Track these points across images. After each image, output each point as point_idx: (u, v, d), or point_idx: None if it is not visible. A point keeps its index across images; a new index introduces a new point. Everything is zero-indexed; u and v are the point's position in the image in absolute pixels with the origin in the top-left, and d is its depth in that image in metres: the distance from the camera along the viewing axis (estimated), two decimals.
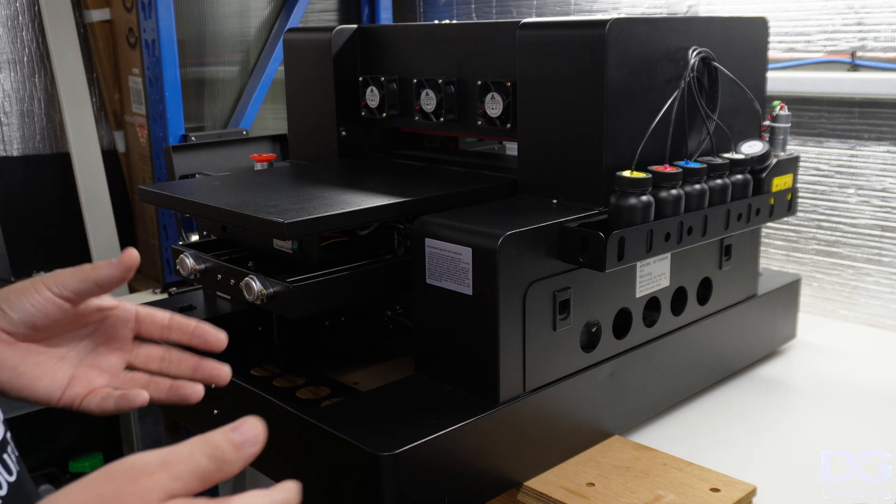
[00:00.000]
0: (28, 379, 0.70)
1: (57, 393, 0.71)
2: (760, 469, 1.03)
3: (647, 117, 1.04)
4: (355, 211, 0.98)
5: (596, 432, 1.07)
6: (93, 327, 0.75)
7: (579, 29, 1.02)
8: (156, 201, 1.23)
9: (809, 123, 1.58)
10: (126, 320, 0.76)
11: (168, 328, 0.75)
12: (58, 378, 0.72)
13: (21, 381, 0.70)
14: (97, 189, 1.96)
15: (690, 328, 1.18)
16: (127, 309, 0.76)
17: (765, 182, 1.18)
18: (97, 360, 0.74)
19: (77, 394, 0.72)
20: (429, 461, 0.88)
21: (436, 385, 0.99)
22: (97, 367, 0.74)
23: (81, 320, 0.73)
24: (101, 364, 0.74)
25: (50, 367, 0.72)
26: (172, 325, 0.75)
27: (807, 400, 1.24)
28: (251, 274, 1.00)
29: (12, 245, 1.93)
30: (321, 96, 1.34)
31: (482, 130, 1.19)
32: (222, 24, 2.01)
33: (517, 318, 0.94)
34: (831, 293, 1.60)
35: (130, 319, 0.76)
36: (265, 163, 1.32)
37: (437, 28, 1.24)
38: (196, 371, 0.75)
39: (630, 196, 0.98)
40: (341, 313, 1.29)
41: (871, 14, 1.47)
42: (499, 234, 0.91)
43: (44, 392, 0.71)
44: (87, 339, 0.75)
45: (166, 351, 0.76)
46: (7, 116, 1.93)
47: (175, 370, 0.75)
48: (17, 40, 1.92)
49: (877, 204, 1.52)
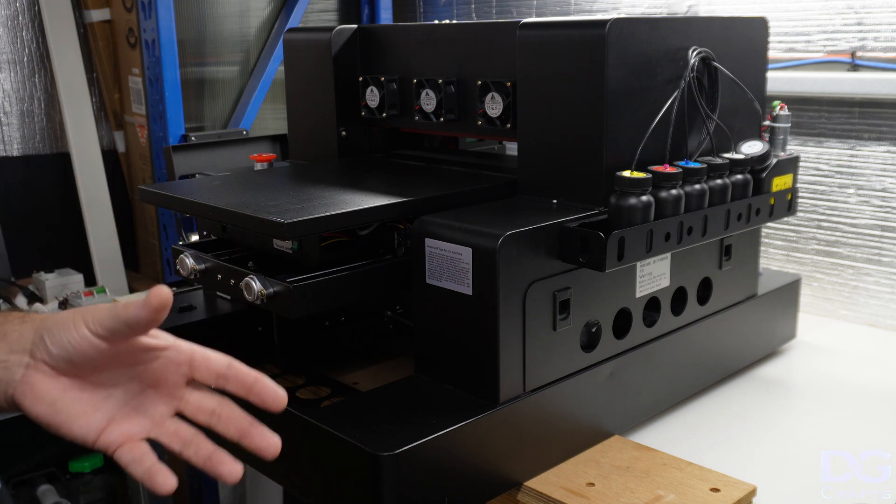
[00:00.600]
0: (65, 416, 0.66)
1: (93, 435, 0.67)
2: (760, 469, 1.03)
3: (647, 117, 1.04)
4: (355, 211, 0.98)
5: (596, 432, 1.07)
6: (142, 367, 0.69)
7: (579, 29, 1.02)
8: (156, 201, 1.23)
9: (809, 123, 1.58)
10: (179, 363, 0.69)
11: (224, 377, 0.69)
12: (96, 419, 0.67)
13: (59, 417, 0.66)
14: (97, 189, 1.96)
15: (690, 328, 1.18)
16: (182, 350, 0.70)
17: (765, 182, 1.18)
18: (142, 405, 0.69)
19: (112, 441, 0.67)
20: (429, 461, 0.88)
21: (436, 385, 0.99)
22: (141, 413, 0.69)
23: (127, 359, 0.68)
24: (146, 409, 0.69)
25: (90, 406, 0.67)
26: (230, 375, 0.69)
27: (807, 400, 1.24)
28: (251, 274, 1.00)
29: (12, 245, 1.93)
30: (321, 96, 1.34)
31: (482, 130, 1.19)
32: (222, 24, 2.01)
33: (517, 318, 0.94)
34: (831, 293, 1.60)
35: (184, 363, 0.69)
36: (265, 163, 1.32)
37: (437, 28, 1.24)
38: (244, 436, 0.68)
39: (630, 196, 0.98)
40: (341, 313, 1.29)
41: (871, 14, 1.47)
42: (499, 234, 0.91)
43: (79, 432, 0.67)
44: (135, 380, 0.69)
45: (219, 403, 0.70)
46: (7, 116, 1.93)
47: (223, 428, 0.69)
48: (17, 40, 1.92)
49: (877, 204, 1.52)
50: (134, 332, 0.66)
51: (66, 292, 1.76)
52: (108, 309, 0.66)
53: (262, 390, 0.68)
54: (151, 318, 0.64)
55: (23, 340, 0.68)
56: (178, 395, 0.70)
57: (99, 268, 1.94)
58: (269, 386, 0.69)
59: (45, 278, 1.79)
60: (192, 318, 1.24)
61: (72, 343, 0.66)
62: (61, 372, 0.67)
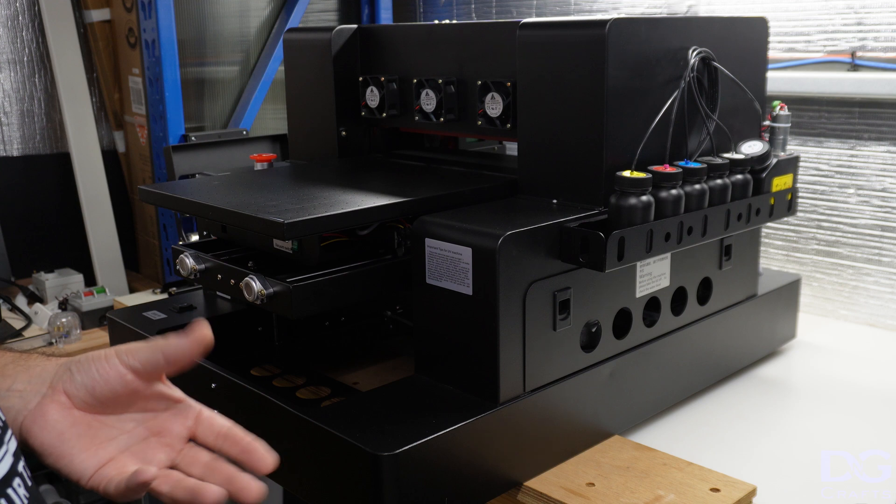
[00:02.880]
0: (68, 448, 0.67)
1: (89, 473, 0.67)
2: (760, 469, 1.03)
3: (647, 117, 1.04)
4: (355, 211, 0.98)
5: (596, 432, 1.07)
6: (152, 415, 0.71)
7: (579, 29, 1.02)
8: (156, 201, 1.23)
9: (809, 123, 1.58)
10: (185, 417, 0.72)
11: (224, 437, 0.71)
12: (97, 457, 0.68)
13: (62, 448, 0.67)
14: (97, 189, 1.96)
15: (690, 328, 1.18)
16: (190, 406, 0.72)
17: (765, 182, 1.18)
18: (143, 451, 0.70)
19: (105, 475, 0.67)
20: (429, 461, 0.88)
21: (436, 385, 0.99)
22: (140, 458, 0.69)
23: (142, 403, 0.70)
24: (146, 456, 0.70)
25: (94, 444, 0.68)
26: (229, 436, 0.71)
27: (807, 400, 1.24)
28: (251, 274, 1.00)
29: (12, 245, 1.93)
30: (321, 96, 1.34)
31: (482, 130, 1.19)
32: (222, 24, 2.01)
33: (517, 318, 0.94)
34: (831, 293, 1.60)
35: (190, 418, 0.72)
36: (265, 163, 1.32)
37: (437, 28, 1.24)
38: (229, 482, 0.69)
39: (630, 196, 0.98)
40: (341, 313, 1.29)
41: (871, 14, 1.47)
42: (499, 234, 0.91)
43: (79, 467, 0.67)
44: (141, 427, 0.71)
45: (212, 459, 0.71)
46: (7, 116, 1.93)
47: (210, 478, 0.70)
48: (17, 40, 1.92)
49: (877, 204, 1.52)
50: (170, 364, 0.68)
51: (66, 292, 1.76)
52: (146, 343, 0.69)
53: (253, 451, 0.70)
54: (190, 349, 0.66)
55: (45, 374, 0.70)
56: (178, 447, 0.71)
57: (99, 268, 1.94)
58: (260, 449, 0.70)
59: (45, 278, 1.79)
60: (192, 318, 1.24)
61: (100, 372, 0.67)
62: (77, 404, 0.68)
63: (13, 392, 0.69)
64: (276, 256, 1.10)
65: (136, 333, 1.21)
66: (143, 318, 1.24)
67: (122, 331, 1.26)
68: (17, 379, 0.69)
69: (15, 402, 0.68)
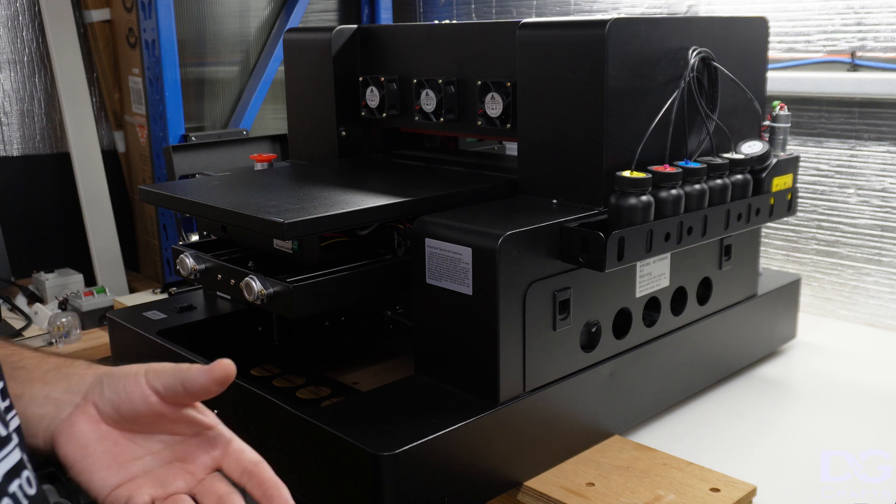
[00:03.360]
0: (91, 463, 0.65)
1: (106, 490, 0.65)
2: (760, 469, 1.03)
3: (647, 117, 1.04)
4: (355, 211, 0.98)
5: (596, 432, 1.07)
6: (179, 439, 0.68)
7: (579, 29, 1.02)
8: (156, 201, 1.23)
9: (809, 123, 1.58)
10: (213, 447, 0.68)
11: (249, 475, 0.66)
12: (118, 476, 0.65)
13: (85, 462, 0.65)
14: (97, 189, 1.96)
15: (690, 328, 1.18)
16: (220, 434, 0.68)
17: (765, 182, 1.18)
18: (164, 476, 0.67)
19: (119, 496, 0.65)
20: (429, 461, 0.88)
21: (436, 385, 0.99)
22: (159, 483, 0.66)
23: (169, 426, 0.68)
24: (166, 481, 0.67)
25: (117, 463, 0.66)
26: (254, 475, 0.66)
27: (806, 400, 1.24)
28: (251, 274, 1.00)
29: (12, 245, 1.93)
30: (321, 96, 1.34)
31: (482, 130, 1.19)
32: (222, 24, 2.01)
33: (517, 318, 0.94)
34: (831, 293, 1.60)
35: (218, 448, 0.68)
36: (265, 163, 1.32)
37: (437, 28, 1.24)
38: None
39: (630, 196, 0.98)
40: (341, 313, 1.29)
41: (871, 14, 1.47)
42: (499, 234, 0.91)
43: (98, 484, 0.65)
44: (168, 450, 0.68)
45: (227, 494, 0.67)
46: (7, 116, 1.93)
47: None
48: (17, 40, 1.92)
49: (877, 204, 1.52)
50: (188, 394, 0.66)
51: (66, 292, 1.76)
52: (171, 366, 0.66)
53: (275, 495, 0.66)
54: (209, 384, 0.64)
55: (82, 384, 0.68)
56: (200, 475, 0.68)
57: (99, 268, 1.94)
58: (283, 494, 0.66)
59: (45, 278, 1.79)
60: (192, 318, 1.25)
61: (126, 390, 0.66)
62: (105, 419, 0.67)
63: (49, 400, 0.68)
64: (276, 256, 1.10)
65: (136, 333, 1.21)
66: (143, 318, 1.24)
67: (122, 331, 1.26)
68: (56, 387, 0.68)
69: (49, 409, 0.67)
